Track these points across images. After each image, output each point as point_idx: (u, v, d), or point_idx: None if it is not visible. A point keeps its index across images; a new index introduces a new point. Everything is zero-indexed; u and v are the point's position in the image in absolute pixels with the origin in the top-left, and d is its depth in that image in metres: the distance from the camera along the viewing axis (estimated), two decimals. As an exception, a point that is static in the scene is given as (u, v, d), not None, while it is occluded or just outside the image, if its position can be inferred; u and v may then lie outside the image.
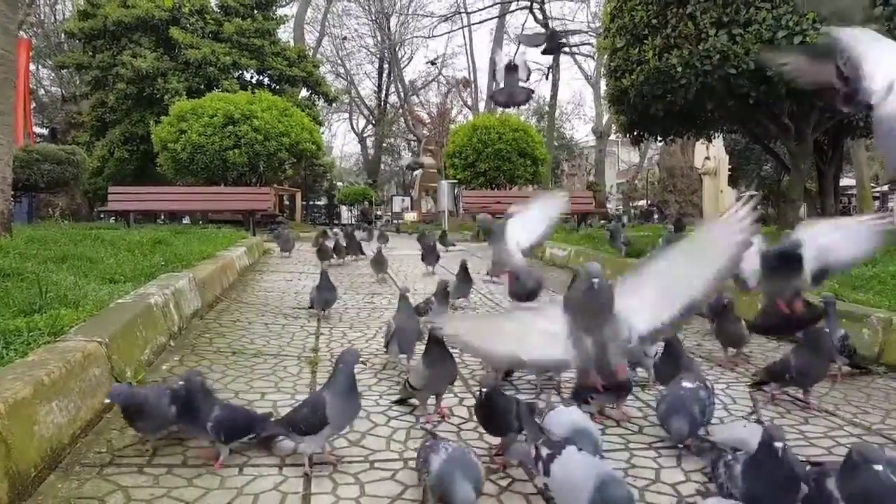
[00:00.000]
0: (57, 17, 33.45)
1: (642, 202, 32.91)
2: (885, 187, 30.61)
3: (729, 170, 23.28)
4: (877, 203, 27.60)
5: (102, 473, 2.09)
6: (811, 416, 2.78)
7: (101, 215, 15.90)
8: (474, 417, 2.53)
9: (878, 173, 31.62)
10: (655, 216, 25.37)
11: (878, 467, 1.47)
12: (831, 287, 4.39)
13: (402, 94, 39.81)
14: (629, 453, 2.36)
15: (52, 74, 34.16)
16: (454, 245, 9.96)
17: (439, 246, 8.36)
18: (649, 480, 2.14)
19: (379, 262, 6.72)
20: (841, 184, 16.01)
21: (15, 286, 3.65)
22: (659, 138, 11.10)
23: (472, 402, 2.89)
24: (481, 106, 37.37)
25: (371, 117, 43.07)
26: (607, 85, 9.78)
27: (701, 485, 2.11)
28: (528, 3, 29.26)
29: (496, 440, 2.31)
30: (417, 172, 32.50)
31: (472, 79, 39.72)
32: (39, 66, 32.46)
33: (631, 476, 2.17)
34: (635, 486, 2.08)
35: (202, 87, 21.34)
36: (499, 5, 32.40)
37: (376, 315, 4.93)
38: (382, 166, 45.87)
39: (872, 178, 28.40)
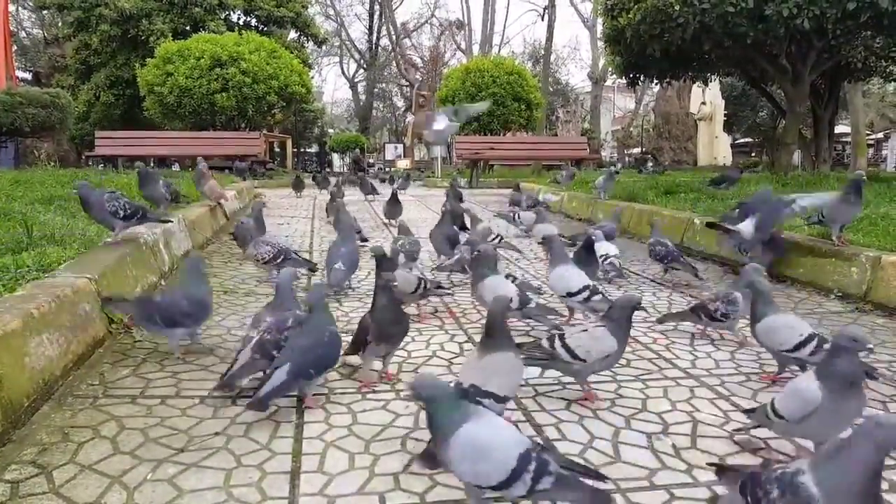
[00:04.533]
0: (34, -46, 32.14)
1: (637, 150, 32.61)
2: (881, 134, 30.48)
3: (724, 115, 23.07)
4: (871, 150, 27.50)
5: (96, 404, 2.11)
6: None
7: (89, 161, 15.65)
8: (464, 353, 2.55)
9: (873, 120, 31.42)
10: (650, 164, 25.18)
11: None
12: (823, 229, 4.41)
13: (393, 37, 38.85)
14: (616, 384, 2.40)
15: (33, 16, 33.08)
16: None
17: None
18: (636, 409, 2.19)
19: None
20: (836, 131, 15.90)
21: (1, 225, 3.61)
22: (655, 81, 10.90)
23: (464, 339, 2.93)
24: (475, 49, 36.59)
25: (362, 61, 42.12)
26: (604, 24, 9.53)
27: (687, 414, 2.15)
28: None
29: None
30: (409, 119, 31.99)
31: (465, 21, 38.76)
32: (19, 7, 31.34)
33: (619, 405, 2.21)
34: (622, 416, 2.13)
35: (188, 28, 20.78)
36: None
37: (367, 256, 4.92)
38: (374, 112, 45.14)
39: (868, 124, 28.22)
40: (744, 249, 4.01)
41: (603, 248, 4.02)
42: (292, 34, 24.69)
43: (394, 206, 6.59)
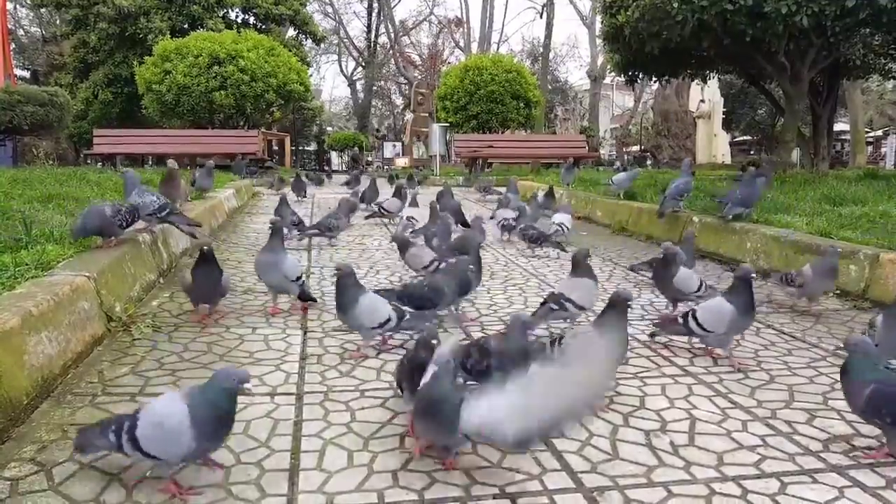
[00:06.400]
0: (32, -49, 32.04)
1: (636, 147, 32.60)
2: (880, 132, 30.49)
3: (723, 113, 23.06)
4: (870, 148, 27.50)
5: (95, 402, 2.11)
6: (795, 348, 2.84)
7: (88, 159, 15.64)
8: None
9: (872, 117, 31.44)
10: (649, 162, 25.22)
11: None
12: (821, 226, 4.42)
13: (392, 35, 38.82)
14: (614, 382, 2.40)
15: (31, 14, 33.03)
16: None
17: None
18: (634, 407, 2.19)
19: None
20: (835, 128, 15.89)
21: (0, 224, 3.61)
22: (654, 79, 10.90)
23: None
24: (474, 47, 36.57)
25: (361, 59, 42.08)
26: (602, 22, 9.53)
27: (685, 412, 2.16)
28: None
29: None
30: (408, 117, 31.98)
31: (464, 18, 38.74)
32: (17, 5, 31.27)
33: (617, 403, 2.21)
34: (620, 413, 2.13)
35: (186, 26, 20.77)
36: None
37: (367, 255, 4.93)
38: (373, 111, 45.09)
39: (867, 122, 28.23)
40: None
41: (558, 217, 5.27)
42: (290, 32, 24.67)
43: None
